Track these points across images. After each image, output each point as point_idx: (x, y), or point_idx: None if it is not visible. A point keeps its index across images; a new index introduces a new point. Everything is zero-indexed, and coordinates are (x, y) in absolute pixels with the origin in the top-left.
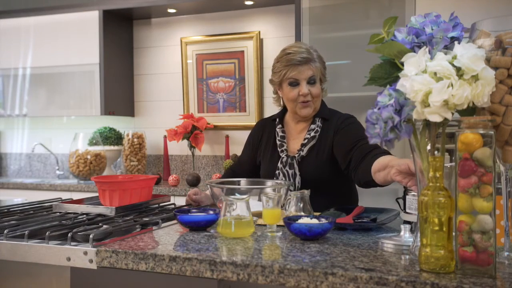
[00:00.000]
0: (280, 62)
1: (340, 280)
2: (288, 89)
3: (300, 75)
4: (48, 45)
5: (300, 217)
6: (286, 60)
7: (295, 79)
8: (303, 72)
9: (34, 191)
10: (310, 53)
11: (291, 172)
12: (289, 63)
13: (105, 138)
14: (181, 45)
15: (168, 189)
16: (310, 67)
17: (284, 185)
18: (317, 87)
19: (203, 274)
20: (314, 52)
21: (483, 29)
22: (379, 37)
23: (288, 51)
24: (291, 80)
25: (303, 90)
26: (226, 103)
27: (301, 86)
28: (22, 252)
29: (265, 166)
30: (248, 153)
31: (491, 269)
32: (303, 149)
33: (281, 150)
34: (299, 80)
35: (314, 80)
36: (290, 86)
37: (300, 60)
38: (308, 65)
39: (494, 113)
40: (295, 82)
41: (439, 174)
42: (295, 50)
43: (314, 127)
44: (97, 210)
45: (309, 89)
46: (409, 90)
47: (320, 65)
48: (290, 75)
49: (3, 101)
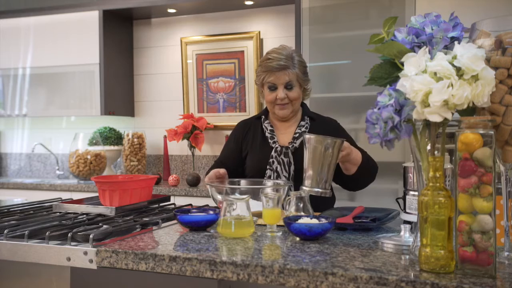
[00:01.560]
0: (261, 66)
1: (340, 280)
2: (267, 92)
3: (277, 80)
4: (48, 45)
5: (300, 217)
6: (265, 65)
7: (273, 84)
8: (280, 78)
9: (34, 191)
10: (288, 60)
11: (286, 161)
12: (267, 69)
13: (105, 138)
14: (181, 45)
15: (168, 189)
16: (287, 73)
17: (284, 185)
18: (294, 91)
19: (203, 274)
20: (296, 57)
21: (483, 29)
22: (379, 37)
23: (268, 57)
24: (269, 85)
25: (280, 94)
26: (226, 103)
27: (278, 90)
28: (22, 252)
29: (255, 156)
30: (232, 148)
31: (491, 269)
32: (296, 141)
33: (272, 141)
34: (277, 85)
35: (291, 85)
36: (269, 90)
37: (277, 67)
38: (285, 71)
39: (494, 113)
40: (273, 87)
41: (439, 174)
42: (274, 56)
43: (304, 124)
44: (97, 210)
45: (286, 93)
46: (409, 90)
47: (299, 70)
48: (268, 80)
49: (3, 101)
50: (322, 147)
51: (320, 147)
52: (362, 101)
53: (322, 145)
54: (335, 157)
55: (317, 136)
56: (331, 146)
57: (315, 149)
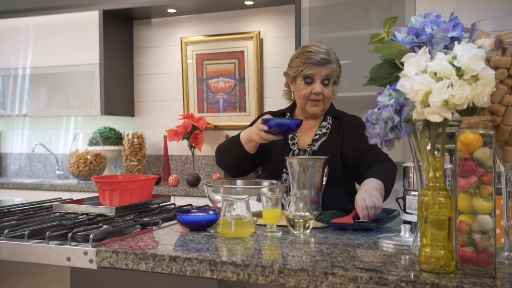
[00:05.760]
0: (300, 58)
1: (340, 280)
2: (301, 85)
3: (317, 73)
4: (48, 45)
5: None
6: (305, 57)
7: (311, 77)
8: (320, 72)
9: (34, 191)
10: (329, 55)
11: None
12: (308, 61)
13: (105, 138)
14: (181, 45)
15: (168, 189)
16: (328, 68)
17: (280, 185)
18: (329, 89)
19: (203, 274)
20: (333, 55)
21: (483, 29)
22: (379, 37)
23: (309, 49)
24: (307, 78)
25: (316, 88)
26: (226, 103)
27: (315, 84)
28: (22, 252)
29: (275, 155)
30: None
31: (491, 269)
32: (315, 144)
33: (292, 143)
34: (314, 79)
35: (329, 81)
36: (305, 83)
37: (319, 60)
38: (326, 66)
39: (494, 113)
40: (310, 80)
41: (439, 174)
42: (315, 49)
43: (325, 124)
44: (97, 210)
45: (322, 89)
46: (409, 90)
47: (337, 67)
48: (308, 72)
49: (3, 101)
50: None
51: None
52: (362, 101)
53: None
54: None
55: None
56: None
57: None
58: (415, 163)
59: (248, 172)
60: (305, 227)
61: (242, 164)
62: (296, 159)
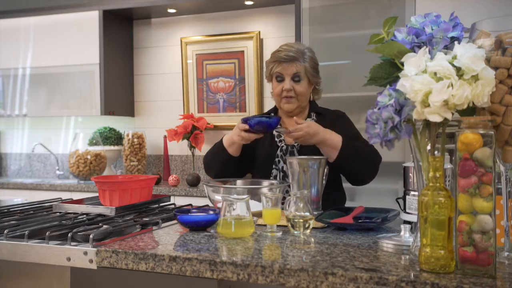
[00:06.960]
0: (270, 58)
1: (340, 280)
2: (275, 84)
3: (284, 70)
4: (48, 45)
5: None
6: (274, 56)
7: (280, 74)
8: (287, 68)
9: (34, 191)
10: (298, 53)
11: None
12: (275, 60)
13: (105, 138)
14: (181, 45)
15: (168, 189)
16: (295, 65)
17: (280, 185)
18: (301, 85)
19: (203, 274)
20: (308, 53)
21: (483, 29)
22: (379, 37)
23: (279, 49)
24: (277, 75)
25: (286, 85)
26: (226, 103)
27: (285, 81)
28: (22, 252)
29: (263, 152)
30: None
31: (491, 269)
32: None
33: (279, 140)
34: (284, 76)
35: (299, 78)
36: (277, 81)
37: (285, 58)
38: (293, 63)
39: (494, 113)
40: (280, 78)
41: (439, 174)
42: (284, 48)
43: (310, 120)
44: (97, 210)
45: (292, 85)
46: (409, 90)
47: (308, 65)
48: (276, 70)
49: (3, 101)
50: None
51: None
52: (362, 101)
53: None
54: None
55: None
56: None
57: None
58: (415, 163)
59: (236, 177)
60: (305, 227)
61: (229, 168)
62: (296, 159)
